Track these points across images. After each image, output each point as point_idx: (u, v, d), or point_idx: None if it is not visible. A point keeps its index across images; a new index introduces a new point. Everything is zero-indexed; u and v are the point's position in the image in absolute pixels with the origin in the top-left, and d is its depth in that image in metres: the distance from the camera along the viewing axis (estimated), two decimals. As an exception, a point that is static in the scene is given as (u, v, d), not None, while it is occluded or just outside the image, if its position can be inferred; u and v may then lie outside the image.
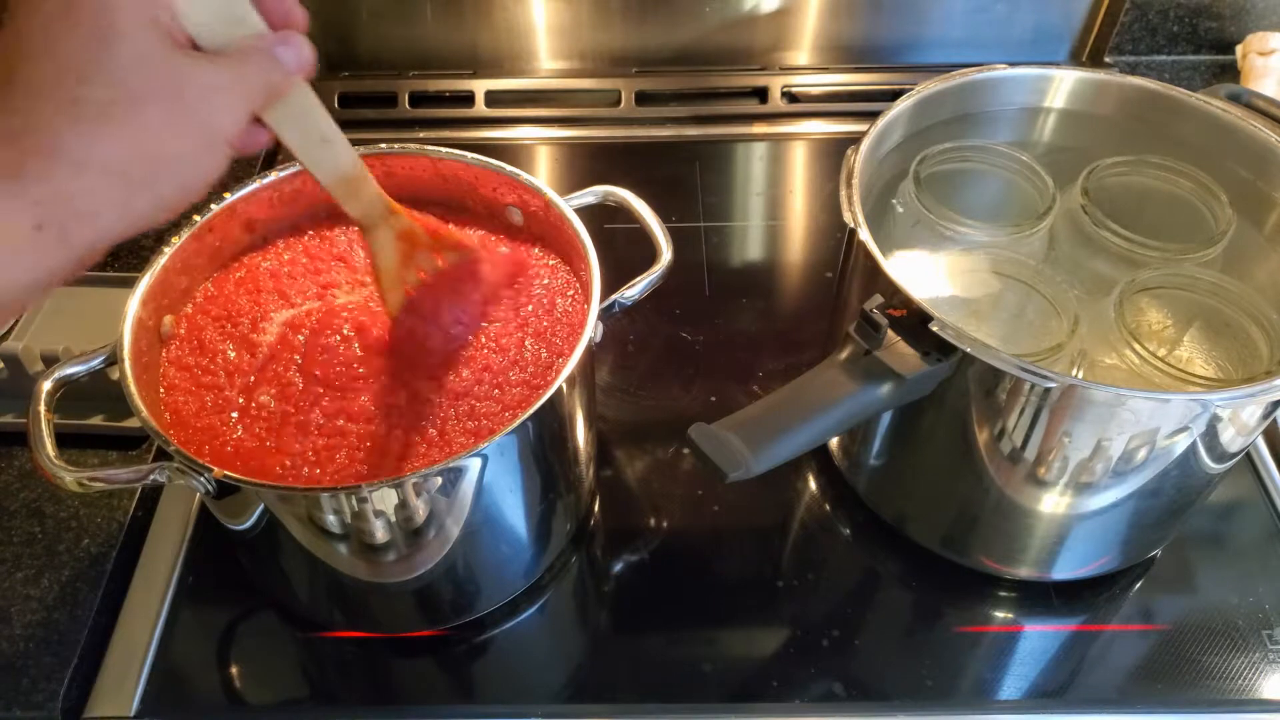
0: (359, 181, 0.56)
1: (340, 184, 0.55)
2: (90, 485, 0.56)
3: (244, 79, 0.43)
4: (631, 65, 1.11)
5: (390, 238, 0.60)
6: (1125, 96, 0.74)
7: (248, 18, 0.45)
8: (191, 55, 0.41)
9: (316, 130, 0.51)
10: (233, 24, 0.44)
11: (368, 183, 0.57)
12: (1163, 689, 0.66)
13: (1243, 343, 0.62)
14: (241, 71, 0.43)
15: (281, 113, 0.49)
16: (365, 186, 0.57)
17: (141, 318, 0.62)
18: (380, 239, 0.60)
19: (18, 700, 0.63)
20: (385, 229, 0.59)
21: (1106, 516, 0.64)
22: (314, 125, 0.51)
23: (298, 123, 0.50)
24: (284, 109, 0.48)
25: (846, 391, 0.56)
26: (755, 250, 0.98)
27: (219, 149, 0.42)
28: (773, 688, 0.65)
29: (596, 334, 0.62)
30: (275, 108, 0.48)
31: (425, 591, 0.65)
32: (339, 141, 0.53)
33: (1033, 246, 0.68)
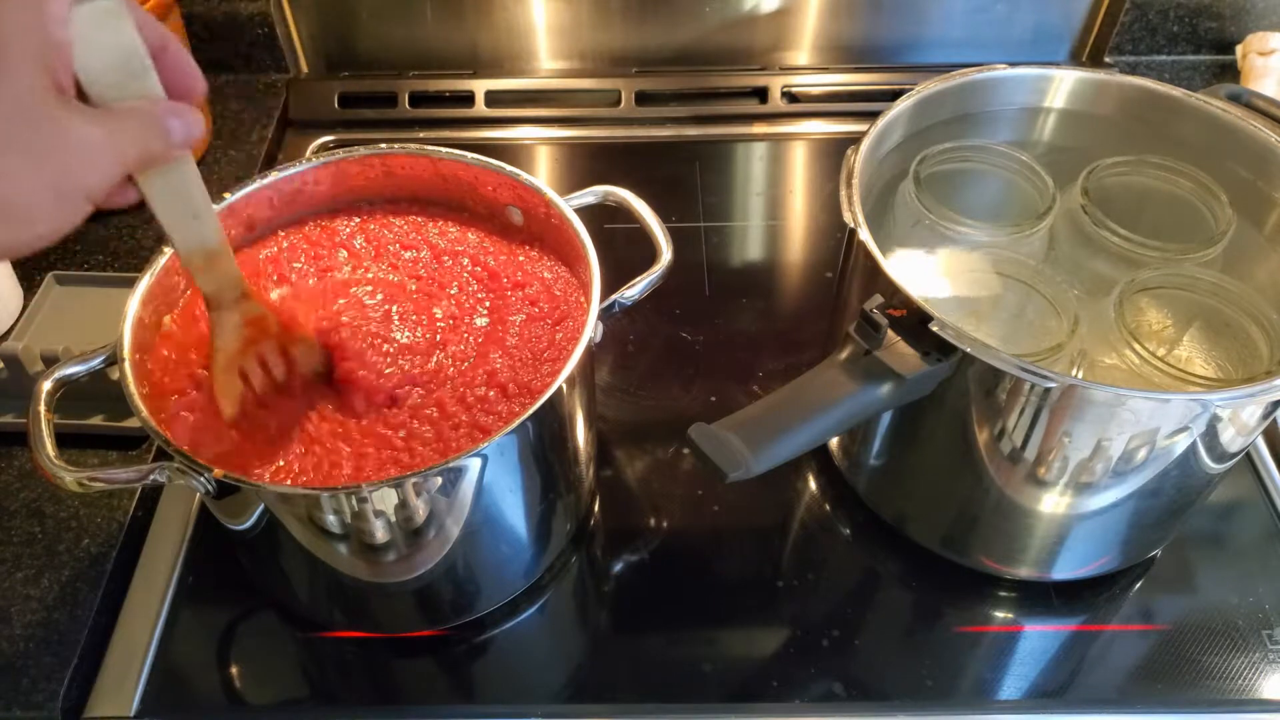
0: (218, 257, 0.54)
1: (199, 256, 0.53)
2: (90, 485, 0.56)
3: (119, 140, 0.42)
4: (631, 65, 1.11)
5: (237, 321, 0.58)
6: (1125, 96, 0.74)
7: (145, 77, 0.44)
8: (71, 106, 0.40)
9: (189, 204, 0.50)
10: (127, 80, 0.43)
11: (227, 260, 0.55)
12: (1163, 689, 0.66)
13: (1243, 343, 0.62)
14: (119, 131, 0.42)
15: (157, 180, 0.47)
16: (223, 263, 0.55)
17: (141, 318, 0.62)
18: (225, 320, 0.58)
19: (18, 700, 0.63)
20: (233, 311, 0.57)
21: (1106, 516, 0.64)
22: (188, 199, 0.50)
23: (171, 194, 0.49)
24: (160, 178, 0.47)
25: (846, 391, 0.56)
26: (755, 250, 0.98)
27: (76, 203, 0.41)
28: (773, 688, 0.65)
29: (596, 334, 0.62)
30: (151, 175, 0.47)
31: (425, 591, 0.65)
32: (208, 216, 0.52)
33: (1033, 246, 0.68)
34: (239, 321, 0.58)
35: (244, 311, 0.58)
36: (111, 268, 0.87)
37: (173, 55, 0.46)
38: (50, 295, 0.83)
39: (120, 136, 0.42)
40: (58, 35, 0.39)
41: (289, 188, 0.71)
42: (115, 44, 0.42)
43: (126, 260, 0.87)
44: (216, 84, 1.10)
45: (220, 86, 1.09)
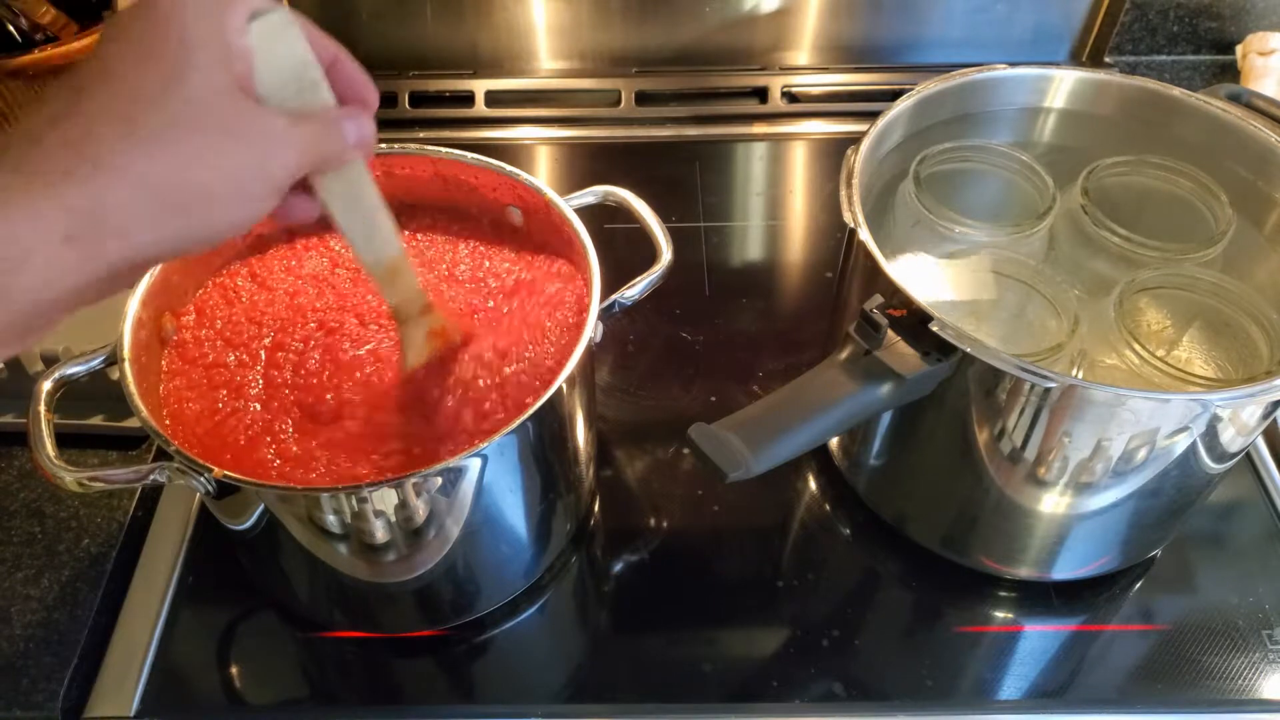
0: (400, 271, 0.55)
1: (381, 268, 0.55)
2: (90, 485, 0.56)
3: (301, 135, 0.44)
4: (631, 65, 1.11)
5: (422, 334, 0.59)
6: (1125, 96, 0.74)
7: (319, 87, 0.46)
8: (254, 104, 0.42)
9: (366, 211, 0.51)
10: (303, 90, 0.45)
11: (409, 274, 0.56)
12: (1163, 689, 0.66)
13: (1243, 343, 0.62)
14: (300, 128, 0.44)
15: (334, 185, 0.49)
16: (405, 277, 0.56)
17: (141, 318, 0.62)
18: (411, 333, 0.59)
19: (18, 700, 0.63)
20: (418, 324, 0.58)
21: (1106, 516, 0.64)
22: (365, 205, 0.51)
23: (348, 198, 0.50)
24: (337, 182, 0.48)
25: (846, 391, 0.56)
26: (755, 250, 0.98)
27: (261, 194, 0.42)
28: (773, 688, 0.65)
29: (596, 334, 0.62)
30: (329, 179, 0.48)
31: (425, 591, 0.65)
32: (388, 227, 0.53)
33: (1033, 246, 0.68)
34: (424, 333, 0.59)
35: (428, 324, 0.59)
36: (111, 268, 0.87)
37: (344, 67, 0.48)
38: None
39: (301, 132, 0.44)
40: (237, 44, 0.41)
41: (289, 188, 0.71)
42: (289, 56, 0.44)
43: (126, 260, 0.87)
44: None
45: (220, 86, 1.09)
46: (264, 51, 0.43)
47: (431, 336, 0.59)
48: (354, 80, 0.48)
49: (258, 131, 0.42)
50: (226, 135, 0.40)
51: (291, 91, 0.45)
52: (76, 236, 0.36)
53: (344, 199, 0.50)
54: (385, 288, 0.56)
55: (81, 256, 0.37)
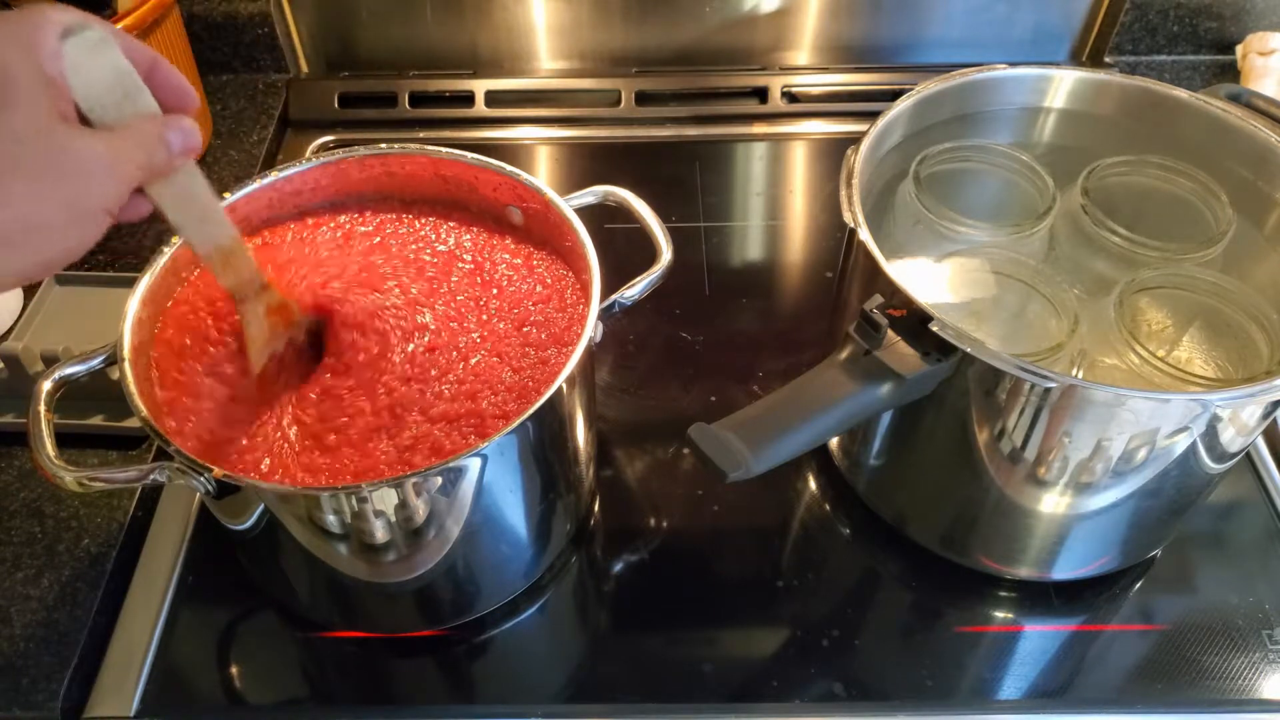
0: (233, 255, 0.57)
1: (216, 255, 0.56)
2: (90, 485, 0.56)
3: (123, 157, 0.44)
4: (631, 65, 1.11)
5: (260, 311, 0.61)
6: (1125, 96, 0.74)
7: (139, 97, 0.46)
8: (76, 130, 0.43)
9: (197, 208, 0.53)
10: (124, 102, 0.46)
11: (243, 257, 0.58)
12: (1163, 689, 0.66)
13: (1243, 343, 0.62)
14: (122, 149, 0.45)
15: (164, 189, 0.50)
16: (240, 261, 0.58)
17: (141, 318, 0.62)
18: (251, 311, 0.60)
19: (18, 700, 0.63)
20: (257, 302, 0.60)
21: (1106, 516, 0.64)
22: (195, 203, 0.53)
23: (179, 200, 0.51)
24: (167, 186, 0.50)
25: (846, 391, 0.56)
26: (755, 250, 0.98)
27: (92, 220, 0.43)
28: (773, 688, 0.65)
29: (596, 334, 0.62)
30: (158, 185, 0.49)
31: (425, 591, 0.65)
32: (218, 218, 0.55)
33: (1033, 246, 0.68)
34: (262, 311, 0.61)
35: (266, 301, 0.60)
36: (111, 268, 0.87)
37: (163, 73, 0.48)
38: (50, 295, 0.83)
39: (125, 152, 0.45)
40: (51, 69, 0.42)
41: (289, 188, 0.71)
42: (106, 70, 0.45)
43: (126, 260, 0.87)
44: (216, 84, 1.10)
45: (220, 86, 1.09)
46: (81, 69, 0.43)
47: (270, 312, 0.61)
48: (173, 84, 0.49)
49: (84, 163, 0.42)
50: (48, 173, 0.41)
51: (113, 103, 0.45)
52: None
53: (174, 199, 0.51)
54: (220, 272, 0.57)
55: None
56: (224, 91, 1.09)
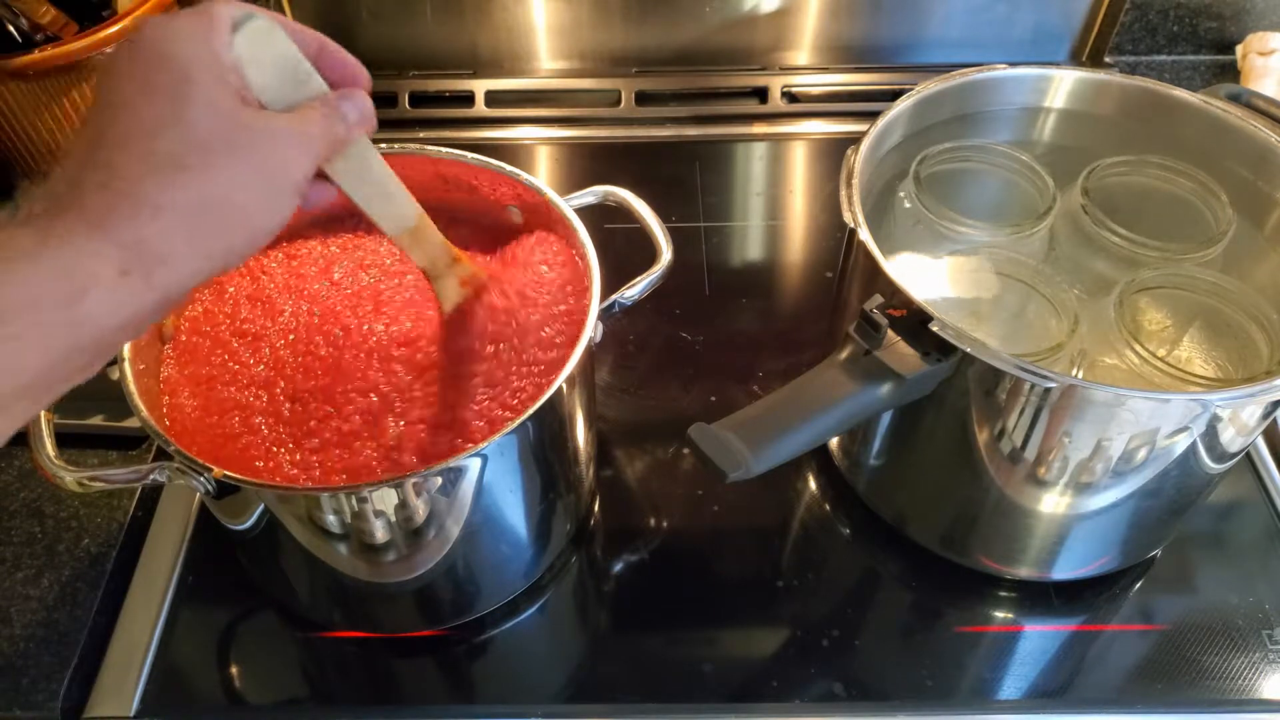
0: (422, 232, 0.57)
1: (405, 235, 0.56)
2: (90, 485, 0.56)
3: (308, 131, 0.45)
4: (631, 65, 1.11)
5: (455, 285, 0.61)
6: (1125, 96, 0.74)
7: (310, 80, 0.47)
8: (258, 111, 0.44)
9: (379, 183, 0.53)
10: (296, 86, 0.47)
11: (431, 232, 0.58)
12: (1163, 689, 0.66)
13: (1243, 343, 0.62)
14: (305, 124, 0.45)
15: (344, 166, 0.50)
16: (429, 236, 0.58)
17: (142, 318, 0.62)
18: (445, 287, 0.61)
19: (18, 700, 0.63)
20: (450, 277, 0.60)
21: (1106, 516, 0.64)
22: (376, 179, 0.53)
23: (361, 176, 0.52)
24: (346, 163, 0.50)
25: (846, 391, 0.56)
26: (755, 250, 0.98)
27: (285, 197, 0.44)
28: (773, 688, 0.65)
29: (596, 334, 0.62)
30: (338, 162, 0.50)
31: (425, 591, 0.65)
32: (401, 194, 0.55)
33: (1033, 246, 0.68)
34: (456, 284, 0.61)
35: (458, 273, 0.61)
36: (111, 268, 0.87)
37: (330, 53, 0.49)
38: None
39: (307, 128, 0.46)
40: (226, 57, 0.43)
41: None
42: (277, 56, 0.46)
43: (126, 260, 0.87)
44: (216, 84, 1.10)
45: (220, 86, 1.09)
46: (253, 57, 0.44)
47: (463, 284, 0.61)
48: (342, 64, 0.50)
49: (267, 140, 0.43)
50: (240, 151, 0.42)
51: (288, 89, 0.46)
52: (130, 269, 0.39)
53: (355, 176, 0.51)
54: (412, 251, 0.58)
55: (137, 287, 0.39)
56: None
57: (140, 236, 0.39)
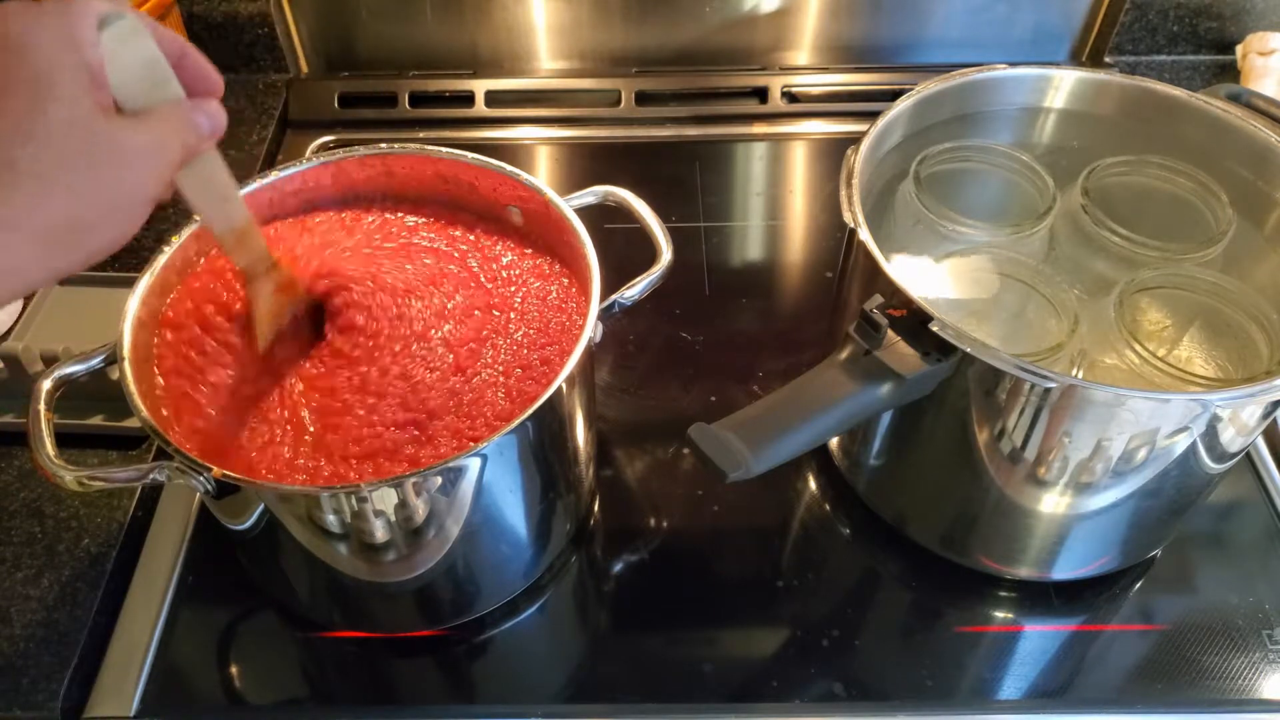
0: (247, 234, 0.59)
1: (230, 236, 0.58)
2: (90, 484, 0.56)
3: (164, 143, 0.46)
4: (631, 65, 1.11)
5: (269, 288, 0.62)
6: (1125, 96, 0.74)
7: (169, 83, 0.48)
8: (118, 121, 0.43)
9: (218, 189, 0.54)
10: (154, 88, 0.47)
11: (255, 236, 0.59)
12: (1163, 689, 0.66)
13: (1243, 343, 0.62)
14: (162, 136, 0.45)
15: (188, 172, 0.51)
16: (253, 240, 0.59)
17: (141, 318, 0.62)
18: (260, 288, 0.62)
19: (18, 700, 0.63)
20: (266, 280, 0.61)
21: (1106, 516, 0.64)
22: (216, 184, 0.54)
23: (202, 181, 0.53)
24: (191, 169, 0.51)
25: (846, 391, 0.56)
26: (755, 250, 0.98)
27: (140, 208, 0.44)
28: (773, 688, 0.65)
29: (596, 334, 0.62)
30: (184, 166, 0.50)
31: (425, 591, 0.65)
32: (235, 199, 0.56)
33: (1033, 246, 0.68)
34: (271, 288, 0.62)
35: (275, 279, 0.62)
36: (111, 268, 0.87)
37: (191, 60, 0.49)
38: (50, 295, 0.83)
39: (164, 140, 0.46)
40: (91, 58, 0.42)
41: (289, 188, 0.71)
42: (140, 58, 0.46)
43: (126, 260, 0.87)
44: (216, 84, 1.10)
45: (220, 86, 1.09)
46: (115, 56, 0.44)
47: (279, 289, 0.62)
48: (201, 71, 0.50)
49: (128, 153, 0.43)
50: (98, 168, 0.42)
51: (143, 90, 0.46)
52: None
53: (198, 182, 0.52)
54: (235, 252, 0.59)
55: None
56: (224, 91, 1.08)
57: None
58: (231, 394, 0.63)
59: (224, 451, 0.60)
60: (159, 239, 0.67)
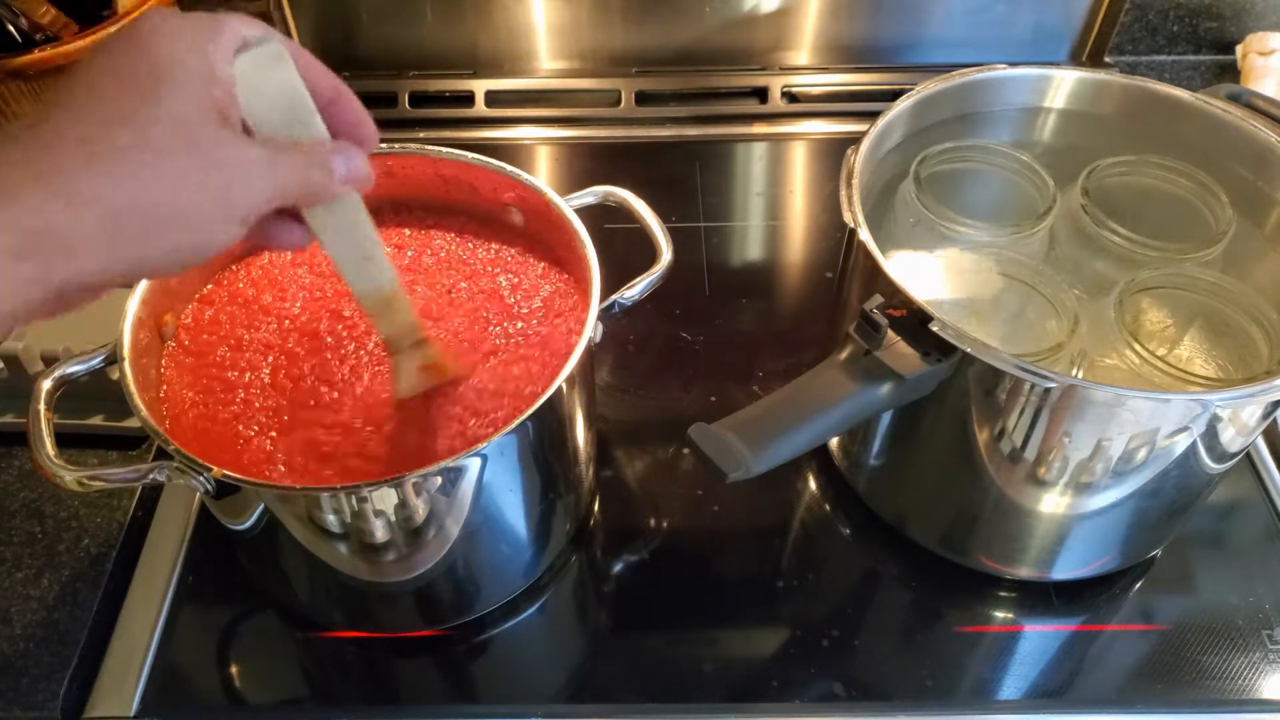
0: (395, 302, 0.55)
1: (375, 299, 0.55)
2: (90, 484, 0.56)
3: (278, 166, 0.43)
4: (631, 65, 1.11)
5: (414, 365, 0.59)
6: (1125, 96, 0.74)
7: (310, 121, 0.45)
8: (233, 132, 0.41)
9: (359, 245, 0.51)
10: (293, 123, 0.44)
11: (403, 306, 0.56)
12: (1163, 689, 0.66)
13: (1243, 343, 0.62)
14: (278, 159, 0.43)
15: (325, 218, 0.48)
16: (400, 309, 0.56)
17: (141, 318, 0.62)
18: (403, 363, 0.59)
19: (18, 700, 0.63)
20: (411, 356, 0.58)
21: (1106, 516, 0.64)
22: (358, 239, 0.51)
23: (340, 231, 0.50)
24: (328, 215, 0.48)
25: (846, 391, 0.56)
26: (755, 250, 0.98)
27: (223, 222, 0.41)
28: (773, 688, 0.65)
29: (596, 334, 0.62)
30: (318, 212, 0.48)
31: (425, 591, 0.65)
32: (381, 261, 0.53)
33: (1033, 246, 0.68)
34: (415, 366, 0.59)
35: (422, 357, 0.59)
36: (111, 268, 0.87)
37: (346, 104, 0.47)
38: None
39: (280, 163, 0.43)
40: (221, 72, 0.41)
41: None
42: (279, 88, 0.44)
43: (126, 260, 0.87)
44: (216, 84, 1.10)
45: (220, 86, 1.09)
46: (252, 81, 0.42)
47: (425, 370, 0.59)
48: (354, 118, 0.48)
49: (226, 159, 0.41)
50: (190, 159, 0.39)
51: (280, 123, 0.44)
52: (25, 255, 0.36)
53: (335, 231, 0.49)
54: (379, 319, 0.56)
55: (29, 276, 0.36)
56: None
57: (47, 224, 0.36)
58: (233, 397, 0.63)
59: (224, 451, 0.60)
60: (159, 239, 0.66)
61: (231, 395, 0.62)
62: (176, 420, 0.62)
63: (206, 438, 0.60)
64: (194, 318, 0.68)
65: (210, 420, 0.61)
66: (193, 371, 0.64)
